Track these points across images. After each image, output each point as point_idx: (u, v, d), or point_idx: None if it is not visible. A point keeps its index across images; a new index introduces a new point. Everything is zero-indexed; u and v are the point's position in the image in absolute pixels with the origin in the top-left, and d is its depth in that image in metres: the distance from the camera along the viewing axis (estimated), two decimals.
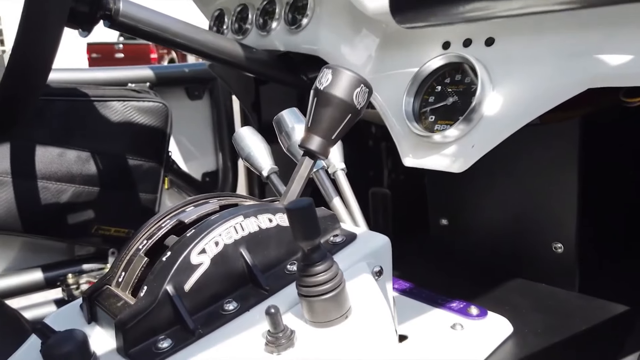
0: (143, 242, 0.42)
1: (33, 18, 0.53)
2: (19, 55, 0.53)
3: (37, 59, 0.54)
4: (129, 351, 0.35)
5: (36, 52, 0.54)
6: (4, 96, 0.55)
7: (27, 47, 0.53)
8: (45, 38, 0.54)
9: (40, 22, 0.53)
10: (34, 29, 0.53)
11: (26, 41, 0.53)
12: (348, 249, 0.44)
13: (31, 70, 0.54)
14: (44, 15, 0.53)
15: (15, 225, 0.97)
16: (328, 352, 0.35)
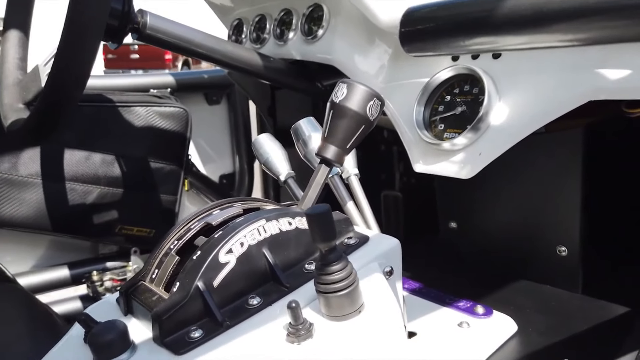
0: (174, 242, 0.47)
1: (74, 34, 0.57)
2: (60, 67, 0.58)
3: (77, 70, 0.59)
4: (164, 340, 0.39)
5: (76, 65, 0.58)
6: (46, 104, 0.60)
7: (68, 60, 0.58)
8: (84, 52, 0.58)
9: (81, 38, 0.57)
10: (74, 44, 0.57)
11: (67, 55, 0.58)
12: (361, 250, 0.48)
13: (71, 81, 0.59)
14: (83, 31, 0.57)
15: (44, 224, 1.03)
16: (343, 343, 0.38)
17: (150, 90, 1.17)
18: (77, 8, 0.57)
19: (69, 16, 0.57)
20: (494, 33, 0.32)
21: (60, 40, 0.58)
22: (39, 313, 0.86)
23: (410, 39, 0.44)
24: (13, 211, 0.99)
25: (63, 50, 0.58)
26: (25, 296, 0.88)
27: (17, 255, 1.08)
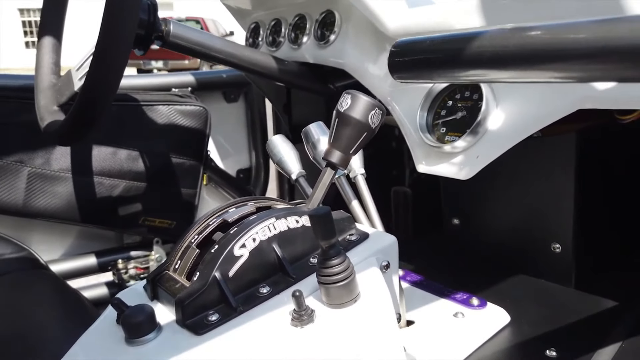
0: (195, 236, 0.52)
1: (107, 44, 0.63)
2: (96, 73, 0.64)
3: (109, 79, 0.64)
4: (186, 322, 0.45)
5: (109, 71, 0.64)
6: (81, 110, 0.66)
7: (102, 67, 0.64)
8: (116, 61, 0.64)
9: (113, 48, 0.63)
10: (107, 54, 0.63)
11: (101, 63, 0.64)
12: (361, 246, 0.53)
13: (104, 89, 0.65)
14: (116, 42, 0.63)
15: (74, 215, 1.10)
16: (340, 328, 0.44)
17: (172, 90, 1.23)
18: (110, 20, 0.63)
19: (103, 28, 0.63)
20: (473, 69, 0.37)
21: (94, 51, 0.64)
22: (70, 297, 0.93)
23: (397, 69, 0.48)
24: (46, 203, 1.06)
25: (97, 60, 0.64)
26: (58, 282, 0.96)
27: (49, 244, 1.15)
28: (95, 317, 0.89)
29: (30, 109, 1.01)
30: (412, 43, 0.41)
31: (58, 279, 0.96)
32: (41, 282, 0.92)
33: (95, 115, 0.66)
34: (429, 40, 0.41)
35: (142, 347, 0.44)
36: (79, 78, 0.81)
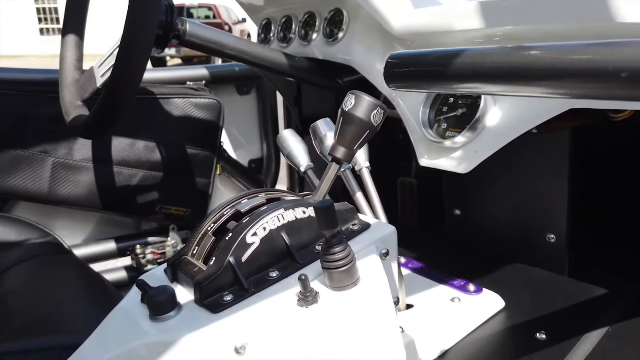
0: (211, 225, 0.57)
1: (130, 45, 0.68)
2: (119, 74, 0.69)
3: (133, 76, 0.69)
4: (203, 301, 0.50)
5: (132, 72, 0.69)
6: (108, 104, 0.71)
7: (125, 68, 0.69)
8: (138, 60, 0.69)
9: (136, 49, 0.68)
10: (130, 53, 0.68)
11: (125, 63, 0.69)
12: (362, 235, 0.58)
13: (128, 85, 0.70)
14: (138, 43, 0.68)
15: (95, 203, 1.16)
16: (341, 308, 0.49)
17: (187, 83, 1.28)
18: (132, 23, 0.68)
19: (126, 30, 0.68)
20: (459, 83, 0.40)
21: (118, 51, 0.69)
22: (93, 279, 0.99)
23: (392, 79, 0.52)
24: (69, 191, 1.12)
25: (120, 61, 0.69)
26: (81, 265, 1.02)
27: (72, 230, 1.22)
28: (116, 297, 0.96)
29: (51, 102, 1.07)
30: (406, 56, 0.45)
31: (81, 263, 1.02)
32: (66, 266, 0.98)
33: (118, 113, 0.71)
34: (422, 55, 0.45)
35: (165, 324, 0.49)
36: (101, 75, 0.86)
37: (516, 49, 0.34)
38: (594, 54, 0.29)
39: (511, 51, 0.35)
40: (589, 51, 0.29)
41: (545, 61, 0.32)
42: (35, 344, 0.64)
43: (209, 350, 0.47)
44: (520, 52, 0.34)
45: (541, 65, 0.32)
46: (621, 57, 0.27)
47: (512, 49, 0.35)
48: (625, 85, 0.27)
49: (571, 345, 0.66)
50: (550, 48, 0.32)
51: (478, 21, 0.73)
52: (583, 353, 0.65)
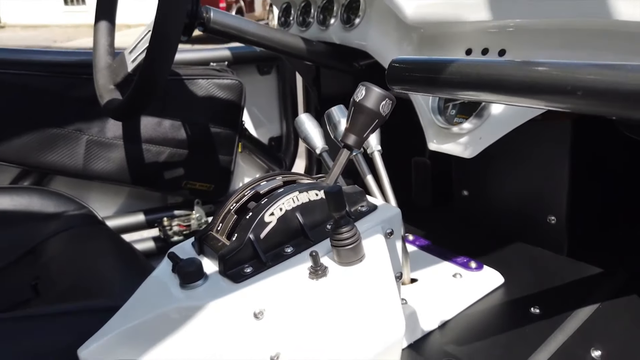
0: (233, 204, 0.64)
1: (160, 35, 0.73)
2: (150, 63, 0.75)
3: (164, 63, 0.75)
4: (226, 272, 0.57)
5: (162, 61, 0.75)
6: (140, 91, 0.77)
7: (156, 57, 0.74)
8: (168, 49, 0.75)
9: (166, 38, 0.74)
10: (161, 43, 0.73)
11: (156, 53, 0.74)
12: (370, 216, 0.64)
13: (158, 73, 0.76)
14: (168, 32, 0.74)
15: (125, 178, 1.24)
16: (348, 281, 0.55)
17: (210, 64, 1.33)
18: (163, 13, 0.73)
19: (157, 21, 0.73)
20: (453, 90, 0.45)
21: (150, 41, 0.75)
22: (125, 249, 1.07)
23: (393, 81, 0.56)
24: (101, 167, 1.20)
25: (153, 47, 0.74)
26: (114, 236, 1.10)
27: (104, 202, 1.30)
28: (147, 266, 1.04)
29: (84, 83, 1.14)
30: (408, 62, 0.50)
31: (114, 234, 1.10)
32: (100, 236, 1.06)
33: (149, 99, 0.77)
34: (421, 62, 0.49)
35: (193, 291, 0.56)
36: (132, 60, 0.92)
37: (502, 64, 0.39)
38: (561, 72, 0.34)
39: (496, 65, 0.39)
40: (556, 70, 0.34)
41: (519, 76, 0.36)
42: (78, 306, 0.72)
43: (232, 314, 0.53)
44: (503, 66, 0.39)
45: (516, 79, 0.37)
46: (577, 77, 0.32)
47: (497, 63, 0.40)
48: (580, 100, 0.32)
49: (562, 320, 0.71)
50: (528, 65, 0.37)
51: (485, 13, 0.77)
52: (573, 326, 0.70)
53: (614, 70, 0.31)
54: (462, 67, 0.42)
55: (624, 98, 0.30)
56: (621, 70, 0.31)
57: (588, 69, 0.32)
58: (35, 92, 1.13)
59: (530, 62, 0.38)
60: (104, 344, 0.53)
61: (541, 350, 0.66)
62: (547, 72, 0.35)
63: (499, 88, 0.38)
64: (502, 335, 0.69)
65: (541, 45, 0.74)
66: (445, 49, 0.87)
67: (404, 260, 0.75)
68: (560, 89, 0.33)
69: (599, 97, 0.31)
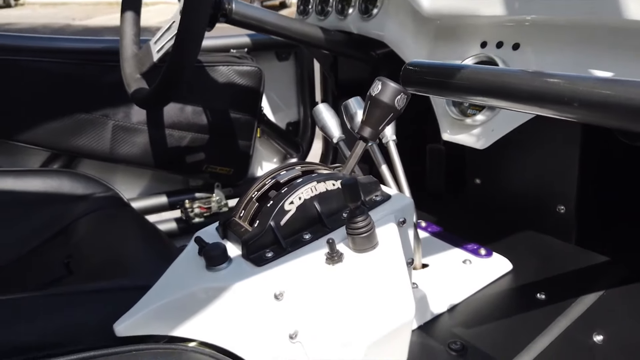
0: (255, 192, 0.68)
1: (188, 25, 0.77)
2: (177, 56, 0.78)
3: (189, 57, 0.79)
4: (249, 256, 0.61)
5: (188, 53, 0.79)
6: (167, 82, 0.81)
7: (183, 50, 0.78)
8: (194, 42, 0.78)
9: (194, 27, 0.77)
10: (189, 32, 0.77)
11: (183, 45, 0.78)
12: (383, 206, 0.67)
13: (184, 65, 0.79)
14: (195, 23, 0.77)
15: (149, 161, 1.29)
16: (362, 267, 0.59)
17: (230, 51, 1.36)
18: (190, 6, 0.77)
19: (184, 13, 0.77)
20: (462, 94, 0.47)
21: (178, 30, 0.78)
22: (150, 229, 1.12)
23: (408, 82, 0.59)
24: (126, 151, 1.25)
25: (182, 37, 0.78)
26: (139, 217, 1.15)
27: (128, 185, 1.35)
28: (171, 246, 1.09)
29: (110, 70, 1.18)
30: (422, 65, 0.53)
31: (139, 215, 1.15)
32: (126, 217, 1.11)
33: (175, 89, 0.81)
34: (435, 66, 0.52)
35: (218, 273, 0.61)
36: (157, 51, 0.96)
37: (507, 72, 0.42)
38: (560, 84, 0.36)
39: (502, 74, 0.42)
40: (557, 81, 0.37)
41: (522, 85, 0.39)
42: (110, 285, 0.77)
43: (254, 295, 0.58)
44: (508, 75, 0.42)
45: (519, 88, 0.40)
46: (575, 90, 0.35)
47: (503, 72, 0.43)
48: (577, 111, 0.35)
49: (566, 305, 0.75)
50: (528, 75, 0.40)
51: (503, 8, 0.78)
52: (577, 312, 0.74)
53: (610, 84, 0.34)
54: (472, 73, 0.45)
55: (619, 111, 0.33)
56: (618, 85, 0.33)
57: (586, 82, 0.35)
58: (64, 79, 1.18)
59: (533, 73, 0.40)
60: (139, 320, 0.58)
61: (544, 334, 0.70)
62: (546, 83, 0.38)
63: (504, 95, 0.41)
64: (507, 320, 0.73)
65: (555, 41, 0.76)
66: (461, 41, 0.89)
67: (416, 247, 0.78)
68: (559, 99, 0.36)
69: (594, 109, 0.34)
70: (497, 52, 0.83)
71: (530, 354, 0.67)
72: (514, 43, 0.81)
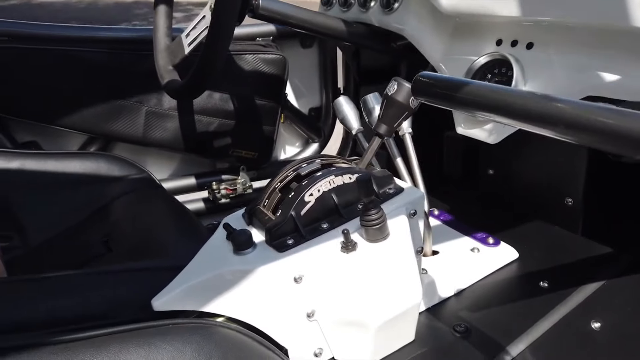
0: (278, 184, 0.74)
1: (220, 22, 0.82)
2: (209, 51, 0.84)
3: (219, 52, 0.84)
4: (272, 243, 0.68)
5: (219, 49, 0.84)
6: (201, 74, 0.87)
7: (218, 37, 0.83)
8: (224, 39, 0.83)
9: (225, 24, 0.82)
10: (220, 28, 0.82)
11: (217, 34, 0.82)
12: (396, 198, 0.72)
13: (215, 60, 0.85)
14: (227, 20, 0.82)
15: (179, 145, 1.36)
16: (374, 255, 0.65)
17: (257, 39, 1.41)
18: (221, 3, 0.81)
19: (216, 10, 0.82)
20: (468, 108, 0.52)
21: (210, 25, 0.84)
22: (179, 209, 1.20)
23: (418, 92, 0.63)
24: (158, 135, 1.32)
25: (214, 32, 0.83)
26: (170, 197, 1.23)
27: (160, 167, 1.43)
28: (199, 226, 1.16)
29: (143, 59, 1.25)
30: (432, 78, 0.58)
31: (170, 196, 1.23)
32: (158, 198, 1.19)
33: (207, 81, 0.87)
34: (445, 80, 0.57)
35: (244, 257, 0.67)
36: (188, 44, 1.02)
37: (512, 92, 0.47)
38: (555, 107, 0.41)
39: (506, 92, 0.47)
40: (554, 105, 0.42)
41: (523, 105, 0.44)
42: (147, 264, 0.84)
43: (276, 278, 0.65)
44: (512, 95, 0.47)
45: (520, 108, 0.45)
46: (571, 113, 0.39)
47: (507, 92, 0.48)
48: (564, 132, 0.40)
49: (568, 294, 0.79)
50: (527, 95, 0.44)
51: (517, 9, 0.81)
52: (577, 300, 0.79)
53: (605, 112, 0.39)
54: (479, 90, 0.50)
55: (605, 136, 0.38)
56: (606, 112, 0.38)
57: (582, 107, 0.40)
58: (101, 67, 1.25)
59: (535, 95, 0.45)
60: (174, 296, 0.65)
61: (544, 320, 0.75)
62: (546, 105, 0.43)
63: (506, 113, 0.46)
64: (510, 305, 0.78)
65: (568, 42, 0.79)
66: (477, 38, 0.93)
67: (427, 235, 0.84)
68: (553, 120, 0.41)
69: (583, 133, 0.39)
70: (511, 51, 0.86)
71: (529, 338, 0.72)
72: (528, 42, 0.84)
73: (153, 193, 1.21)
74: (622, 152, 0.40)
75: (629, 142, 0.38)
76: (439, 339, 0.73)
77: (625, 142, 0.38)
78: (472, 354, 0.70)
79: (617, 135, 0.38)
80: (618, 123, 0.38)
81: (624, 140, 0.38)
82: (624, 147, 0.39)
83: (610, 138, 0.39)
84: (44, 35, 1.22)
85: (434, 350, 0.71)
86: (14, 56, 1.20)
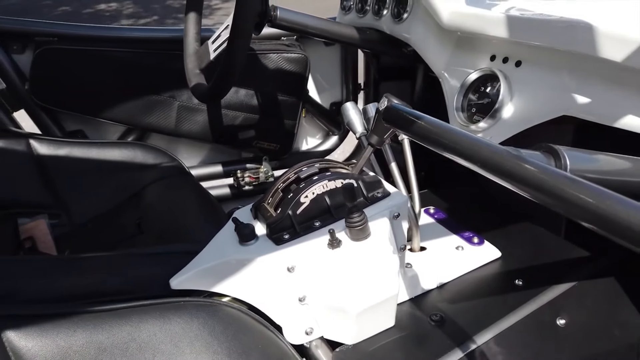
0: (281, 184, 0.85)
1: (239, 30, 0.92)
2: (228, 58, 0.94)
3: (238, 59, 0.94)
4: (272, 236, 0.79)
5: (237, 56, 0.93)
6: (221, 82, 0.98)
7: (237, 45, 0.92)
8: (244, 45, 0.93)
9: (241, 37, 0.92)
10: (240, 37, 0.91)
11: (236, 42, 0.91)
12: (382, 202, 0.82)
13: (235, 65, 0.95)
14: (244, 30, 0.92)
15: (208, 137, 1.49)
16: (356, 252, 0.76)
17: (281, 38, 1.51)
18: (240, 13, 0.91)
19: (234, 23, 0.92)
20: (431, 146, 0.61)
21: (230, 34, 0.94)
22: (204, 195, 1.33)
23: (388, 121, 0.71)
24: (189, 127, 1.46)
25: (233, 41, 0.93)
26: (196, 184, 1.36)
27: (190, 155, 1.57)
28: (220, 212, 1.29)
29: (175, 58, 1.38)
30: (401, 110, 0.67)
31: (197, 183, 1.36)
32: (187, 185, 1.32)
33: (227, 88, 0.99)
34: (411, 114, 0.66)
35: (248, 247, 0.79)
36: (213, 50, 1.13)
37: (471, 139, 0.56)
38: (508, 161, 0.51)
39: (461, 137, 0.56)
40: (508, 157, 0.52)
41: (480, 153, 0.54)
42: (170, 248, 0.96)
43: (273, 267, 0.76)
44: (471, 142, 0.56)
45: (478, 156, 0.54)
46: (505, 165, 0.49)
47: (465, 137, 0.56)
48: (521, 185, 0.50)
49: (540, 292, 0.87)
50: (482, 144, 0.54)
51: (505, 32, 0.89)
52: (546, 298, 0.86)
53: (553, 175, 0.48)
54: (434, 128, 0.59)
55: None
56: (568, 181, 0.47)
57: (511, 157, 0.49)
58: (137, 66, 1.39)
59: (492, 146, 0.55)
60: (188, 277, 0.77)
61: (513, 314, 0.84)
62: (492, 156, 0.52)
63: (453, 152, 0.56)
64: (484, 300, 0.87)
65: (551, 63, 0.86)
66: (475, 52, 1.00)
67: (415, 232, 0.93)
68: (505, 173, 0.51)
69: (531, 191, 0.49)
70: (502, 67, 0.94)
71: (495, 330, 0.81)
72: (517, 60, 0.91)
73: (182, 180, 1.35)
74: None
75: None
76: (416, 326, 0.82)
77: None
78: (444, 341, 0.79)
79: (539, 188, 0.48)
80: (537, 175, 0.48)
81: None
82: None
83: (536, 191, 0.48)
84: (88, 36, 1.36)
85: (410, 335, 0.81)
86: (62, 55, 1.34)
